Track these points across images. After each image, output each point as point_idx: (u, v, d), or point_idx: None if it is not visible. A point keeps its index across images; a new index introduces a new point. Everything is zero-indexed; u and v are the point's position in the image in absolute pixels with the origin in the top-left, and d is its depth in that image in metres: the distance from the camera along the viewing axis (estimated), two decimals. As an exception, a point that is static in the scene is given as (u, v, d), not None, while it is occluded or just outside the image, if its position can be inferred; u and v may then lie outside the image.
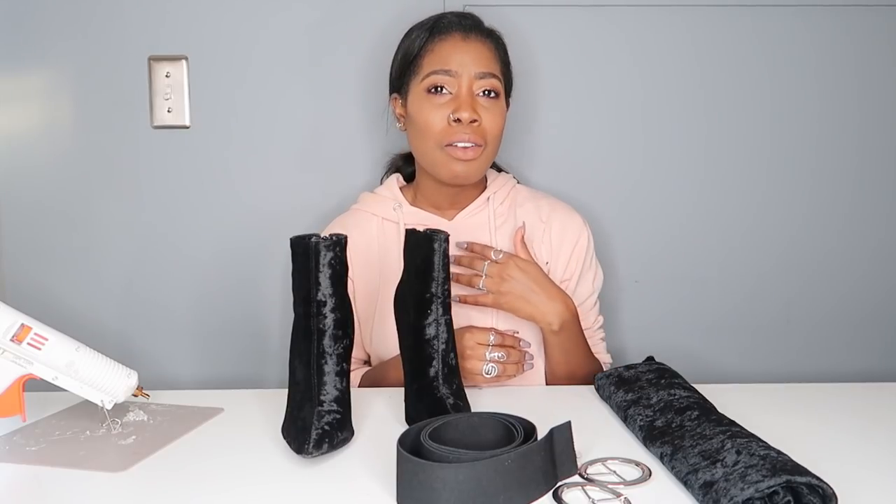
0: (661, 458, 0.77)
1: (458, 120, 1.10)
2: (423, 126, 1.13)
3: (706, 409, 0.84)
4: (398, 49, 1.20)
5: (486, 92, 1.13)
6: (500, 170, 1.31)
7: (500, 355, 1.06)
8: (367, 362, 1.27)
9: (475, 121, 1.11)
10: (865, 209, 1.48)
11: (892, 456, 0.80)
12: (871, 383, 1.09)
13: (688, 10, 1.43)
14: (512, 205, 1.24)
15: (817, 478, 0.65)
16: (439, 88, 1.12)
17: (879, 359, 1.51)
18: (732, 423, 0.80)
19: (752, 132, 1.46)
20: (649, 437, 0.82)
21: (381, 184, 1.29)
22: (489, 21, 1.20)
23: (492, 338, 1.07)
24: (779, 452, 0.70)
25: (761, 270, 1.49)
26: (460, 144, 1.11)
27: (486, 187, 1.24)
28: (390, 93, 1.23)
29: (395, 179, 1.26)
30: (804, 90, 1.45)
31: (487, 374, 1.06)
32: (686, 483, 0.71)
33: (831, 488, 0.64)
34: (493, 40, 1.17)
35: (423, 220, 1.20)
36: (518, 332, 1.13)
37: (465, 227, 1.20)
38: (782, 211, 1.48)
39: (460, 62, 1.12)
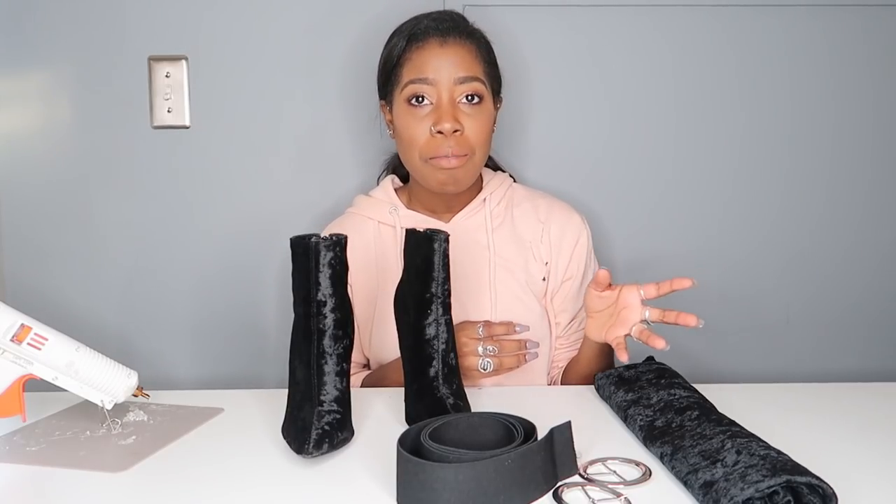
0: (661, 458, 0.77)
1: (441, 132, 1.08)
2: (407, 139, 1.12)
3: (706, 409, 0.84)
4: (381, 55, 1.18)
5: (469, 98, 1.10)
6: (496, 168, 1.31)
7: (492, 348, 1.04)
8: (367, 366, 1.26)
9: (457, 131, 1.09)
10: (864, 208, 1.48)
11: (891, 456, 0.80)
12: (871, 383, 1.09)
13: (685, 11, 1.43)
14: (509, 205, 1.23)
15: (817, 477, 0.65)
16: (419, 99, 1.10)
17: (879, 359, 1.51)
18: (732, 423, 0.80)
19: (750, 131, 1.46)
20: (649, 437, 0.82)
21: (378, 184, 1.28)
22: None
23: (480, 330, 1.06)
24: (779, 452, 0.70)
25: (761, 271, 1.49)
26: (443, 158, 1.09)
27: (482, 188, 1.23)
28: (379, 99, 1.22)
29: (391, 181, 1.25)
30: (804, 89, 1.45)
31: (483, 369, 1.04)
32: (686, 483, 0.71)
33: (831, 488, 0.64)
34: (475, 41, 1.14)
35: (420, 223, 1.18)
36: (513, 322, 1.11)
37: (462, 230, 1.18)
38: (782, 211, 1.48)
39: (437, 69, 1.09)
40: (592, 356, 1.13)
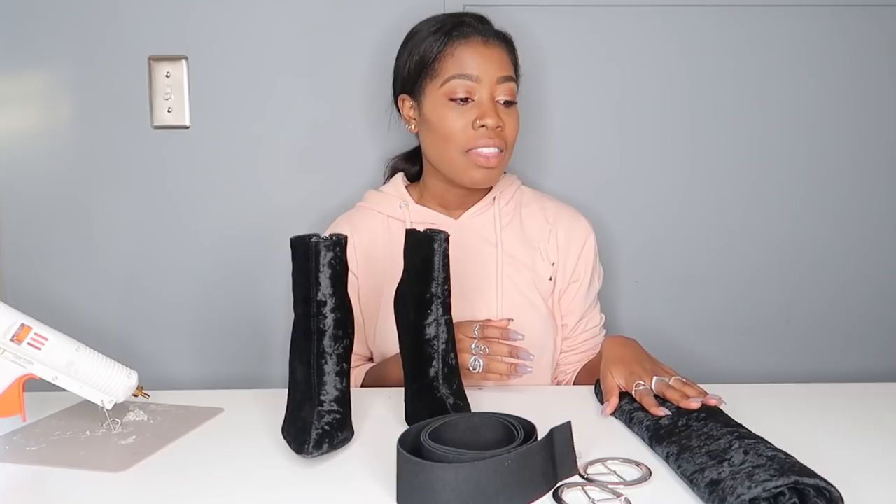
0: (668, 457, 0.77)
1: (484, 126, 1.10)
2: (446, 133, 1.12)
3: (712, 410, 0.84)
4: (407, 50, 1.18)
5: (505, 102, 1.13)
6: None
7: (483, 348, 1.01)
8: (371, 360, 1.27)
9: (499, 127, 1.10)
10: (864, 209, 1.48)
11: (893, 456, 0.80)
12: (872, 383, 1.09)
13: (694, 11, 1.42)
14: (517, 205, 1.25)
15: (825, 480, 0.64)
16: (463, 100, 1.11)
17: (879, 359, 1.51)
18: (739, 425, 0.80)
19: (758, 133, 1.46)
20: (655, 437, 0.82)
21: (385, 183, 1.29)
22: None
23: (476, 329, 1.03)
24: (786, 454, 0.70)
25: (761, 271, 1.49)
26: (484, 150, 1.10)
27: (491, 187, 1.24)
28: (397, 93, 1.22)
29: (401, 178, 1.26)
30: (811, 90, 1.45)
31: (473, 369, 1.00)
32: (692, 482, 0.71)
33: (838, 491, 0.64)
34: (507, 44, 1.17)
35: (429, 218, 1.20)
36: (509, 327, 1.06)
37: (471, 227, 1.20)
38: (783, 211, 1.48)
39: (482, 68, 1.11)
40: None
